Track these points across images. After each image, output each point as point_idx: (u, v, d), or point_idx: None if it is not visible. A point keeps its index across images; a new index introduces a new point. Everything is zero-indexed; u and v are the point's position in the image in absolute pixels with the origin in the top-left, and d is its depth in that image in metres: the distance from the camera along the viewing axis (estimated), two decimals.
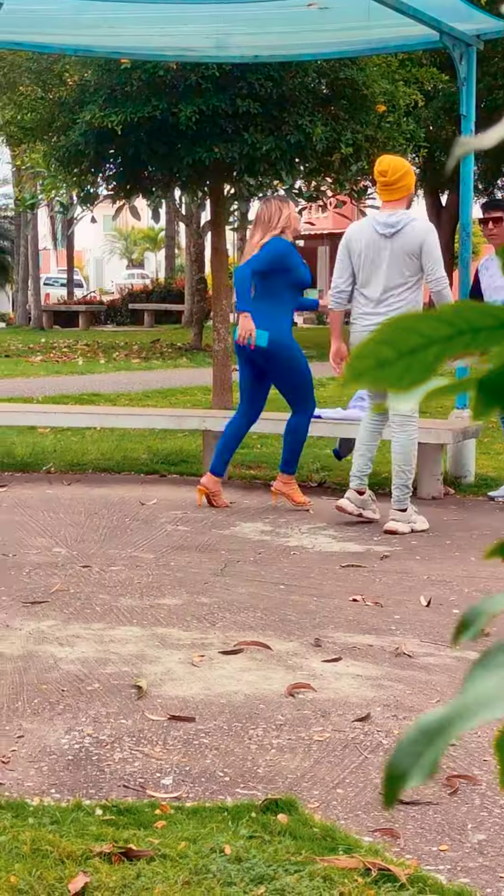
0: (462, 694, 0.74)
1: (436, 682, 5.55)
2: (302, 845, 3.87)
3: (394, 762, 0.74)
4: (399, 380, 0.82)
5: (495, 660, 0.75)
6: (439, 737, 0.72)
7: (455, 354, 0.81)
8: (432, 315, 0.80)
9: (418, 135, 15.08)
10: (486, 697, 0.71)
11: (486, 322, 0.79)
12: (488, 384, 0.81)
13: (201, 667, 5.72)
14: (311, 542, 8.41)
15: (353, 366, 0.82)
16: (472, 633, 0.79)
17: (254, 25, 11.51)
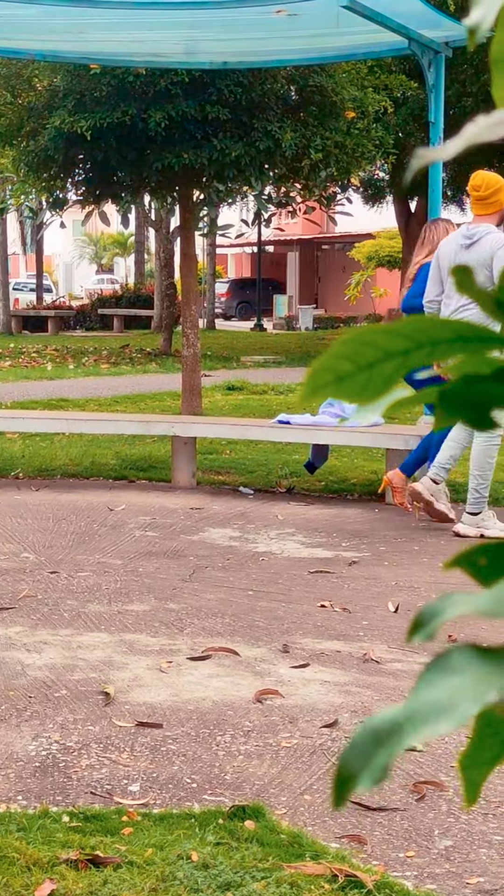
0: (413, 697, 0.74)
1: (404, 687, 5.56)
2: (269, 852, 3.87)
3: (343, 763, 0.74)
4: (359, 393, 0.82)
5: (447, 665, 0.75)
6: (390, 740, 0.72)
7: (415, 367, 0.81)
8: (390, 329, 0.80)
9: (387, 141, 15.12)
10: (436, 706, 0.72)
11: (444, 335, 0.80)
12: (449, 396, 0.82)
13: (169, 673, 5.72)
14: (279, 548, 8.41)
15: (313, 380, 0.82)
16: (426, 632, 0.79)
17: (223, 31, 11.52)
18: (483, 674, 0.73)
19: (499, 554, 0.85)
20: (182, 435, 10.84)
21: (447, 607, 0.78)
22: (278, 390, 19.98)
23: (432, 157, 0.79)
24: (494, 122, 0.79)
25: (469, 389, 0.81)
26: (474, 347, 0.80)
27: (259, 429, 10.95)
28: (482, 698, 0.71)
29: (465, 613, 0.78)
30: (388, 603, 7.02)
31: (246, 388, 20.25)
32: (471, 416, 0.83)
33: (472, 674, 0.73)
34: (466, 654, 0.75)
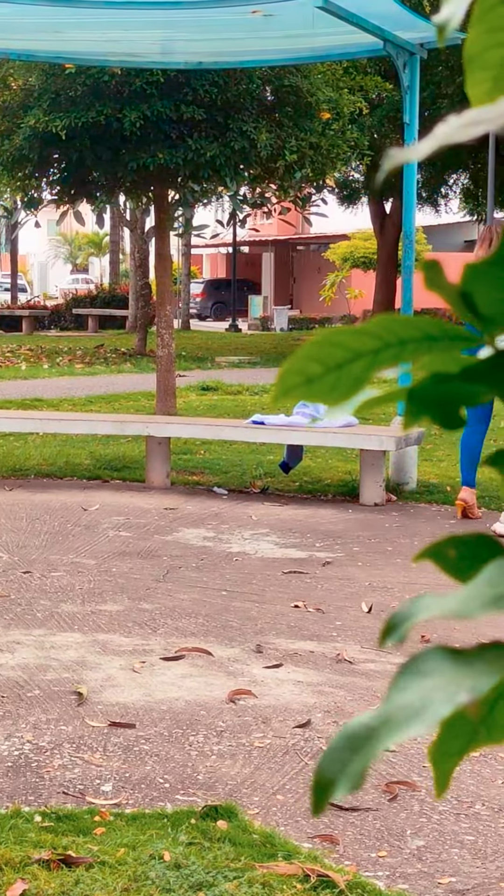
0: (387, 702, 0.74)
1: (376, 688, 5.57)
2: (241, 852, 3.88)
3: (321, 770, 0.74)
4: (328, 394, 0.83)
5: (419, 668, 0.75)
6: (366, 746, 0.72)
7: (383, 367, 0.81)
8: (358, 329, 0.80)
9: (362, 142, 15.13)
10: (409, 709, 0.72)
11: (412, 334, 0.80)
12: (418, 394, 0.82)
13: (142, 673, 5.72)
14: (253, 549, 8.41)
15: (283, 382, 0.82)
16: (398, 635, 0.79)
17: (198, 32, 11.51)
18: (454, 675, 0.74)
19: (468, 546, 0.85)
20: (156, 435, 10.83)
21: (418, 610, 0.79)
22: (253, 391, 19.98)
23: (403, 158, 0.80)
24: (466, 122, 0.80)
25: (437, 388, 0.82)
26: (442, 346, 0.80)
27: (233, 429, 10.95)
28: (453, 700, 0.72)
29: (435, 616, 0.78)
30: (362, 603, 7.03)
31: (220, 388, 20.25)
32: (439, 415, 0.84)
33: (443, 676, 0.74)
34: (438, 656, 0.76)
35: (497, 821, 4.24)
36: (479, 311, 0.77)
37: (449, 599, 0.77)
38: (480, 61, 0.94)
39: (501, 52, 0.93)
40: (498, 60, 0.93)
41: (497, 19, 0.90)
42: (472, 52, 0.94)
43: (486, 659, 0.75)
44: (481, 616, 0.76)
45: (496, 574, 0.78)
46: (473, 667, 0.74)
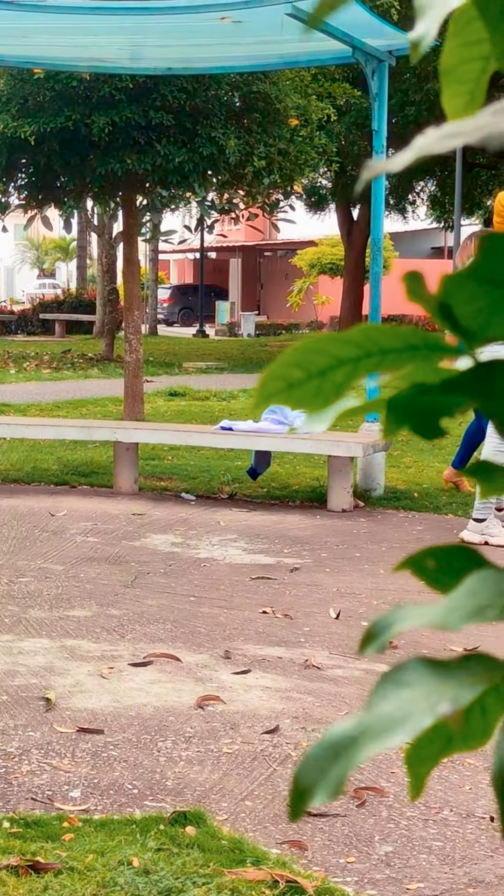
0: (368, 710, 0.75)
1: (344, 694, 5.58)
2: (210, 858, 3.88)
3: (300, 776, 0.75)
4: (310, 401, 0.83)
5: (401, 678, 0.76)
6: (346, 753, 0.73)
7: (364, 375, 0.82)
8: (341, 337, 0.81)
9: (330, 149, 15.17)
10: (390, 719, 0.73)
11: (393, 344, 0.81)
12: (397, 404, 0.83)
13: (110, 679, 5.71)
14: (221, 554, 8.41)
15: (264, 387, 0.83)
16: (378, 644, 0.80)
17: (167, 38, 11.51)
18: (435, 686, 0.74)
19: (447, 557, 0.86)
20: (124, 440, 10.83)
21: (398, 620, 0.79)
22: (220, 396, 19.98)
23: (382, 169, 0.80)
24: (443, 134, 0.80)
25: (418, 399, 0.82)
26: (423, 356, 0.81)
27: (201, 435, 10.96)
28: (434, 710, 0.72)
29: (416, 626, 0.79)
30: (330, 609, 7.04)
31: (188, 394, 20.25)
32: (418, 426, 0.84)
33: (424, 686, 0.74)
34: (418, 667, 0.76)
35: (465, 826, 4.26)
36: (459, 323, 0.78)
37: (430, 610, 0.78)
38: (456, 75, 0.95)
39: (477, 65, 0.94)
40: (474, 74, 0.94)
41: (472, 34, 0.91)
42: (448, 65, 0.95)
43: (466, 670, 0.76)
44: (462, 627, 0.77)
45: (477, 585, 0.78)
46: (454, 678, 0.75)
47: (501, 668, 0.76)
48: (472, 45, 0.92)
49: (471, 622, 0.77)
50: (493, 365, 0.79)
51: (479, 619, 0.77)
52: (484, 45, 0.91)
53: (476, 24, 0.90)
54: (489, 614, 0.77)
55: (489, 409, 0.80)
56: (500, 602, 0.77)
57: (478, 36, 0.91)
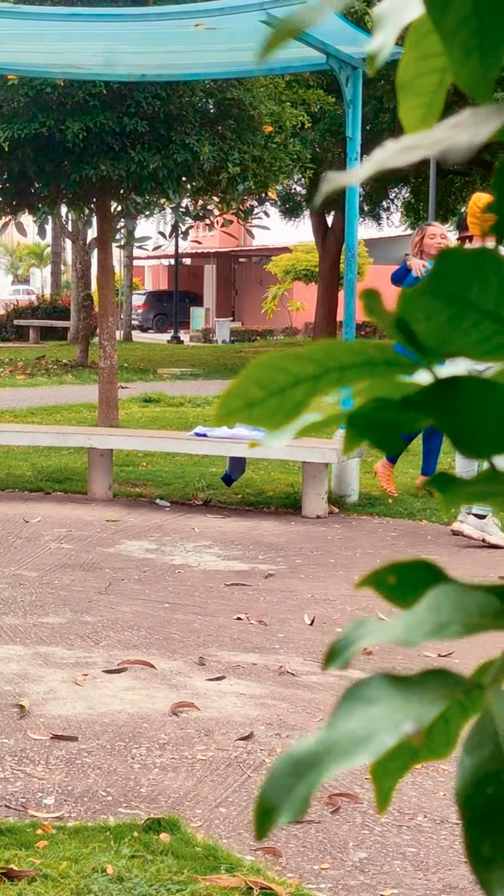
0: (332, 727, 0.75)
1: (319, 700, 5.59)
2: (184, 864, 3.88)
3: (264, 795, 0.75)
4: (269, 418, 0.84)
5: (364, 694, 0.76)
6: (310, 772, 0.73)
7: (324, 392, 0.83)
8: (300, 354, 0.82)
9: (305, 156, 15.20)
10: (354, 738, 0.73)
11: (352, 360, 0.81)
12: (357, 419, 0.83)
13: (85, 686, 5.71)
14: (195, 561, 8.42)
15: (224, 405, 0.83)
16: (341, 660, 0.81)
17: (141, 44, 11.52)
18: (398, 704, 0.75)
19: (409, 572, 0.86)
20: (99, 447, 10.82)
21: (362, 635, 0.80)
22: (195, 403, 19.99)
23: (342, 182, 0.81)
24: (403, 147, 0.81)
25: (377, 414, 0.83)
26: (382, 371, 0.82)
27: (176, 441, 10.96)
28: (398, 729, 0.73)
29: (378, 642, 0.79)
30: (304, 616, 7.05)
31: (163, 400, 20.25)
32: (378, 440, 0.85)
33: (388, 704, 0.75)
34: (381, 683, 0.77)
35: (439, 832, 4.27)
36: (417, 340, 0.79)
37: (393, 626, 0.78)
38: (413, 88, 0.96)
39: (434, 78, 0.95)
40: (431, 87, 0.95)
41: (429, 47, 0.92)
42: (405, 78, 0.95)
43: (430, 686, 0.76)
44: (424, 643, 0.78)
45: (437, 601, 0.79)
46: (418, 694, 0.75)
47: (462, 684, 0.77)
48: (430, 57, 0.93)
49: (432, 638, 0.77)
50: (452, 381, 0.80)
51: (441, 636, 0.77)
52: (441, 57, 0.92)
53: (433, 37, 0.91)
54: (450, 630, 0.77)
55: (447, 426, 0.81)
56: (460, 618, 0.78)
57: (435, 49, 0.92)
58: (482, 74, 0.83)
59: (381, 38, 0.86)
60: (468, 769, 0.73)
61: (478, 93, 0.84)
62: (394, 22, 0.86)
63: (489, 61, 0.82)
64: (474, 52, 0.82)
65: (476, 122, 0.79)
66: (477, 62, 0.82)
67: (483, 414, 0.79)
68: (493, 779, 0.73)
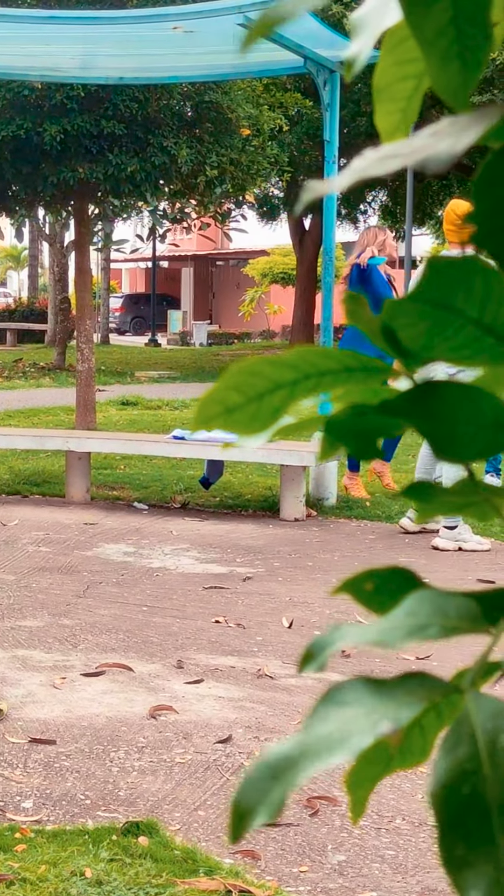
0: (308, 730, 0.75)
1: (297, 703, 5.59)
2: (163, 868, 3.88)
3: (239, 798, 0.75)
4: (247, 424, 0.84)
5: (340, 697, 0.76)
6: (286, 775, 0.73)
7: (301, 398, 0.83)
8: (278, 360, 0.82)
9: (282, 159, 15.21)
10: (330, 739, 0.73)
11: (329, 366, 0.82)
12: (334, 424, 0.84)
13: (63, 689, 5.70)
14: (173, 564, 8.41)
15: (203, 411, 0.84)
16: (316, 664, 0.81)
17: (119, 47, 11.52)
18: (374, 705, 0.75)
19: (385, 579, 0.87)
20: (76, 450, 10.81)
21: (338, 638, 0.80)
22: (173, 406, 19.98)
23: (322, 191, 0.81)
24: (382, 156, 0.81)
25: (355, 420, 0.83)
26: (359, 377, 0.82)
27: (154, 444, 10.95)
28: (374, 730, 0.73)
29: (354, 644, 0.79)
30: (283, 618, 7.05)
31: (140, 403, 20.23)
32: (355, 446, 0.85)
33: (363, 706, 0.75)
34: (358, 686, 0.77)
35: (417, 835, 4.27)
36: (401, 346, 0.79)
37: (369, 629, 0.79)
38: (389, 93, 0.96)
39: (410, 84, 0.95)
40: (406, 93, 0.96)
41: (405, 52, 0.93)
42: (381, 84, 0.96)
43: (406, 689, 0.76)
44: (401, 646, 0.78)
45: (415, 605, 0.79)
46: (394, 697, 0.76)
47: (440, 687, 0.77)
48: (406, 63, 0.93)
49: (409, 642, 0.78)
50: (430, 386, 0.80)
51: (419, 638, 0.78)
52: (417, 63, 0.93)
53: (409, 43, 0.91)
54: (428, 633, 0.78)
55: (426, 430, 0.81)
56: (437, 621, 0.78)
57: (411, 54, 0.92)
58: (460, 83, 0.83)
59: (358, 44, 0.87)
60: (443, 770, 0.74)
61: (456, 101, 0.84)
62: (371, 28, 0.87)
63: (468, 70, 0.83)
64: (453, 61, 0.82)
65: (455, 131, 0.79)
66: (455, 70, 0.83)
67: (462, 418, 0.79)
68: (468, 779, 0.73)
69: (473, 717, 0.74)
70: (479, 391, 0.79)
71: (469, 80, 0.83)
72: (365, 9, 0.89)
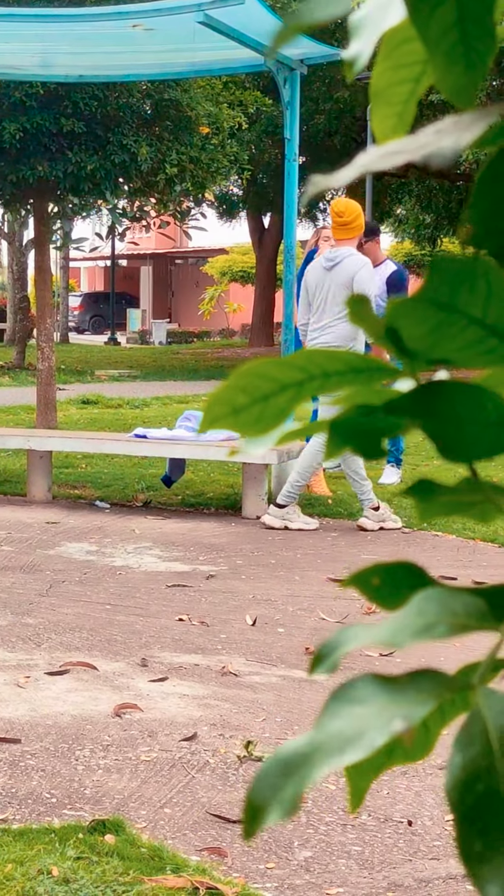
0: (320, 727, 0.76)
1: (262, 700, 5.60)
2: (130, 865, 3.88)
3: (253, 795, 0.75)
4: (253, 425, 0.85)
5: (352, 694, 0.77)
6: (299, 772, 0.74)
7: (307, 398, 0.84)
8: (285, 361, 0.83)
9: (242, 157, 15.21)
10: (344, 736, 0.74)
11: (335, 367, 0.83)
12: (340, 425, 0.85)
13: (27, 688, 5.70)
14: (136, 562, 8.41)
15: (210, 412, 0.85)
16: (328, 665, 0.82)
17: (79, 45, 11.50)
18: (387, 703, 0.76)
19: (391, 574, 0.88)
20: (37, 449, 10.79)
21: (347, 639, 0.81)
22: (133, 404, 19.96)
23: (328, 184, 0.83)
24: (386, 152, 0.83)
25: (360, 420, 0.84)
26: (365, 378, 0.83)
27: (116, 443, 10.94)
28: (388, 727, 0.74)
29: (363, 645, 0.80)
30: (246, 616, 7.06)
31: (101, 401, 20.21)
32: (361, 446, 0.86)
33: (376, 703, 0.76)
34: (369, 683, 0.78)
35: (383, 831, 4.29)
36: (405, 346, 0.80)
37: (378, 629, 0.80)
38: (386, 97, 0.97)
39: (406, 88, 0.96)
40: (403, 97, 0.97)
41: (403, 56, 0.93)
42: (378, 87, 0.97)
43: (417, 686, 0.77)
44: (410, 645, 0.79)
45: (423, 604, 0.80)
46: (405, 694, 0.76)
47: (451, 684, 0.78)
48: (403, 67, 0.94)
49: (418, 640, 0.78)
50: (434, 386, 0.81)
51: (427, 637, 0.79)
52: (413, 67, 0.94)
53: (406, 47, 0.92)
54: (437, 632, 0.79)
55: (430, 430, 0.82)
56: (446, 619, 0.79)
57: (408, 59, 0.93)
58: (466, 82, 0.85)
59: (357, 45, 0.88)
60: (458, 766, 0.75)
61: (461, 100, 0.85)
62: (372, 28, 0.88)
63: (473, 70, 0.84)
64: (459, 61, 0.84)
65: (458, 128, 0.80)
66: (461, 70, 0.84)
67: (467, 418, 0.81)
68: (482, 775, 0.74)
69: (485, 714, 0.75)
70: (484, 391, 0.80)
71: (475, 80, 0.84)
72: (364, 11, 0.90)
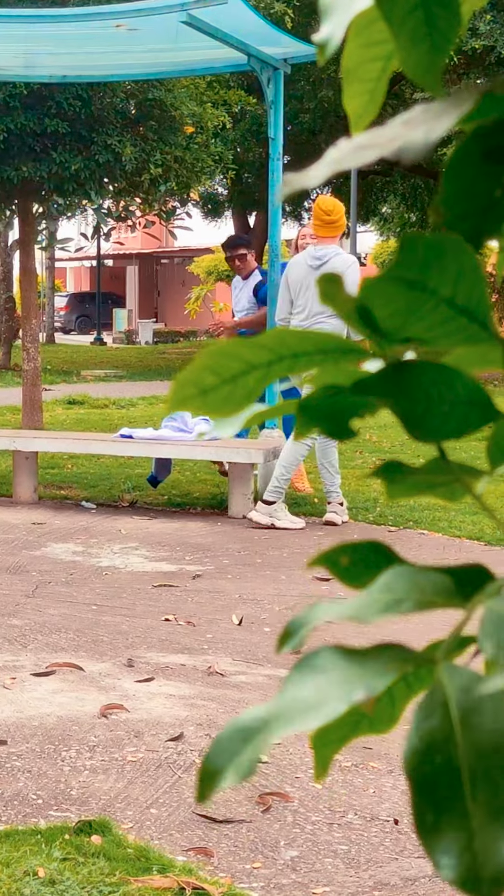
0: (282, 694, 0.75)
1: (248, 700, 5.59)
2: (116, 866, 3.87)
3: (209, 759, 0.75)
4: (222, 406, 0.84)
5: (314, 664, 0.77)
6: (257, 737, 0.74)
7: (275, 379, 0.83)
8: (254, 341, 0.82)
9: (226, 156, 15.22)
10: (304, 704, 0.73)
11: (305, 347, 0.82)
12: (309, 406, 0.84)
13: (13, 689, 5.68)
14: (123, 563, 8.39)
15: (178, 392, 0.83)
16: (295, 642, 0.81)
17: (62, 45, 11.48)
18: (349, 673, 0.75)
19: (361, 553, 0.87)
20: (23, 449, 10.76)
21: (314, 616, 0.80)
22: (119, 404, 19.94)
23: (300, 183, 0.81)
24: (357, 146, 0.81)
25: (329, 400, 0.83)
26: (334, 358, 0.82)
27: (101, 443, 10.92)
28: (348, 697, 0.73)
29: (331, 620, 0.79)
30: (232, 616, 7.05)
31: (87, 402, 20.19)
32: (329, 427, 0.85)
33: (339, 673, 0.75)
34: (332, 654, 0.77)
35: (369, 830, 4.28)
36: (377, 326, 0.79)
37: (345, 605, 0.79)
38: (357, 75, 0.96)
39: (377, 65, 0.95)
40: (374, 74, 0.96)
41: (374, 34, 0.93)
42: (349, 65, 0.96)
43: (379, 658, 0.77)
44: (377, 620, 0.78)
45: (391, 580, 0.79)
46: (368, 666, 0.76)
47: (413, 658, 0.78)
48: (373, 45, 0.94)
49: (385, 615, 0.78)
50: (403, 365, 0.80)
51: (394, 612, 0.78)
52: (385, 45, 0.93)
53: (377, 25, 0.91)
54: (403, 607, 0.78)
55: (399, 409, 0.81)
56: (413, 596, 0.79)
57: (379, 36, 0.92)
58: (430, 63, 0.83)
59: (329, 28, 0.87)
60: (417, 738, 0.75)
61: (426, 82, 0.84)
62: (342, 12, 0.87)
63: (437, 50, 0.83)
64: (423, 42, 0.82)
65: (429, 118, 0.79)
66: (424, 51, 0.83)
67: (436, 397, 0.80)
68: (440, 748, 0.74)
69: (447, 687, 0.75)
70: (452, 370, 0.79)
71: (438, 61, 0.83)
72: None
